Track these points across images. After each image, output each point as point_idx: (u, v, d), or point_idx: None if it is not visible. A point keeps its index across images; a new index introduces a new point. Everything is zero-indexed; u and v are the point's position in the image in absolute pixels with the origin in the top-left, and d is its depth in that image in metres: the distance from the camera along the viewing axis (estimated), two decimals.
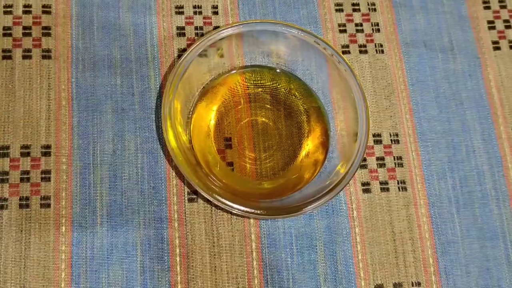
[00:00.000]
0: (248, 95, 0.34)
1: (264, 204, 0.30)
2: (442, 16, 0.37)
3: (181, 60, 0.30)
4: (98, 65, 0.34)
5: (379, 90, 0.35)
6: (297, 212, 0.29)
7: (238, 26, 0.31)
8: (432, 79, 0.36)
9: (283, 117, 0.33)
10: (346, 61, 0.31)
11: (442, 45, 0.37)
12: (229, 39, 0.32)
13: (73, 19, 0.34)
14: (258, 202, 0.30)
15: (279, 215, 0.29)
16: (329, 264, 0.32)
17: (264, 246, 0.32)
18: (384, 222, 0.33)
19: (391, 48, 0.36)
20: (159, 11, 0.35)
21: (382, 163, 0.34)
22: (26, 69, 0.33)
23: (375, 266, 0.32)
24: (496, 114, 0.36)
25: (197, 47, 0.31)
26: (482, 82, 0.37)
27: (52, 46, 0.33)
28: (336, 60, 0.31)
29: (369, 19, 0.37)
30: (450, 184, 0.34)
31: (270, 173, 0.33)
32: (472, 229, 0.34)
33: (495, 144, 0.35)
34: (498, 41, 0.37)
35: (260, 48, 0.33)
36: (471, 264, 0.33)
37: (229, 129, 0.33)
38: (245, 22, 0.31)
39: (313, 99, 0.33)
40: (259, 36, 0.32)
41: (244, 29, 0.31)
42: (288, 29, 0.31)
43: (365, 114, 0.30)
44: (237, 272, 0.31)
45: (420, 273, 0.32)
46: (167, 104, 0.29)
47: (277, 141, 0.33)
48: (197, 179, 0.29)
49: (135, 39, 0.34)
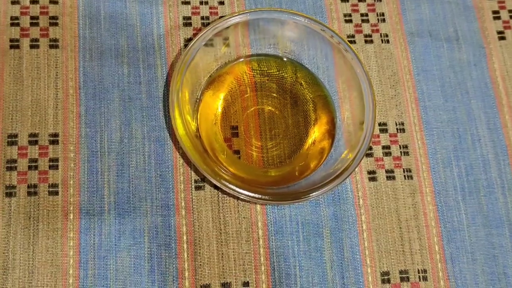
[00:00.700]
0: (254, 83, 0.34)
1: (270, 190, 0.30)
2: (447, 6, 0.38)
3: (188, 48, 0.31)
4: (105, 55, 0.34)
5: (385, 79, 0.36)
6: (304, 198, 0.29)
7: (245, 14, 0.31)
8: (438, 69, 0.36)
9: (290, 106, 0.34)
10: (352, 49, 0.31)
11: (447, 35, 0.37)
12: (235, 28, 0.32)
13: (80, 9, 0.34)
14: (265, 189, 0.30)
15: (286, 201, 0.29)
16: (335, 251, 0.32)
17: (271, 234, 0.32)
18: (390, 210, 0.33)
19: (396, 38, 0.36)
20: (165, 1, 0.35)
21: (388, 151, 0.34)
22: (33, 58, 0.33)
23: (381, 253, 0.32)
24: (502, 104, 0.36)
25: (203, 35, 0.31)
26: (487, 71, 0.37)
27: (59, 36, 0.34)
28: (343, 48, 0.31)
29: (375, 9, 0.37)
30: (456, 173, 0.34)
31: (276, 161, 0.33)
32: (478, 217, 0.34)
33: (500, 133, 0.35)
34: (503, 31, 0.38)
35: (266, 37, 0.33)
36: (477, 252, 0.33)
37: (236, 117, 0.33)
38: (251, 10, 0.32)
39: (319, 88, 0.34)
40: (265, 24, 0.33)
41: (250, 17, 0.31)
42: (294, 17, 0.32)
43: (371, 102, 0.30)
44: (244, 259, 0.31)
45: (426, 261, 0.32)
46: (174, 91, 0.30)
47: (284, 130, 0.33)
48: (205, 165, 0.29)
49: (141, 28, 0.35)
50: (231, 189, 0.29)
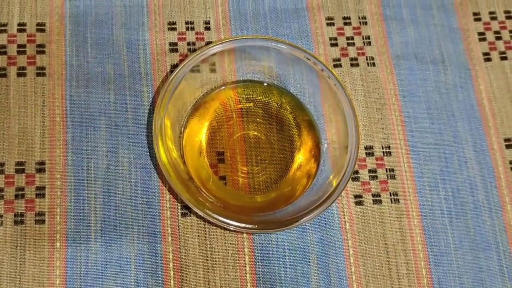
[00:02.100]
0: (240, 109, 0.34)
1: (257, 218, 0.30)
2: (432, 29, 0.38)
3: (172, 76, 0.31)
4: (92, 82, 0.34)
5: (371, 102, 0.36)
6: (290, 225, 0.29)
7: (230, 42, 0.31)
8: (424, 91, 0.36)
9: (275, 131, 0.34)
10: (336, 75, 0.31)
11: (433, 57, 0.37)
12: (221, 55, 0.32)
13: (67, 37, 0.35)
14: (251, 216, 0.30)
15: (272, 229, 0.29)
16: (322, 277, 0.32)
17: (258, 260, 0.32)
18: (377, 234, 0.33)
19: (382, 61, 0.37)
20: (152, 27, 0.36)
21: (374, 175, 0.34)
22: (20, 87, 0.33)
23: (368, 278, 0.32)
24: (488, 125, 0.36)
25: (188, 63, 0.31)
26: (473, 93, 0.37)
27: (46, 64, 0.34)
28: (326, 75, 0.31)
29: (360, 32, 0.37)
30: (443, 196, 0.34)
31: (263, 186, 0.33)
32: (465, 240, 0.34)
33: (487, 155, 0.35)
34: (489, 52, 0.38)
35: (251, 63, 0.34)
36: (464, 275, 0.33)
37: (222, 143, 0.33)
38: (236, 38, 0.32)
39: (304, 113, 0.34)
40: (251, 51, 0.33)
41: (235, 45, 0.32)
42: (278, 45, 0.32)
43: (354, 127, 0.31)
44: (231, 285, 0.31)
45: (414, 285, 0.32)
46: (158, 120, 0.30)
47: (270, 155, 0.33)
48: (188, 195, 0.29)
49: (128, 55, 0.35)
50: (215, 219, 0.29)
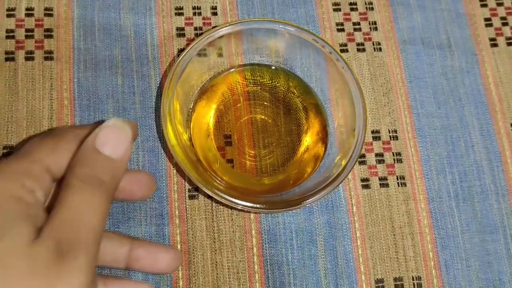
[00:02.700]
0: (247, 93, 0.34)
1: (263, 198, 0.30)
2: (439, 14, 0.38)
3: (180, 59, 0.31)
4: (100, 66, 0.34)
5: (377, 87, 0.36)
6: (297, 205, 0.29)
7: (236, 24, 0.32)
8: (430, 76, 0.36)
9: (282, 114, 0.34)
10: (344, 58, 0.31)
11: (439, 42, 0.37)
12: (228, 38, 0.32)
13: (75, 21, 0.35)
14: (258, 197, 0.30)
15: (279, 209, 0.29)
16: (329, 259, 0.32)
17: (265, 242, 0.32)
18: (384, 217, 0.33)
19: (389, 46, 0.37)
20: (159, 12, 0.36)
21: (381, 159, 0.34)
22: (28, 70, 0.33)
23: (375, 260, 0.32)
24: (495, 110, 0.36)
25: (195, 45, 0.31)
26: (480, 78, 0.37)
27: (54, 48, 0.34)
28: (334, 57, 0.31)
29: (367, 17, 0.37)
30: (450, 179, 0.34)
31: (270, 169, 0.33)
32: (472, 223, 0.34)
33: (493, 140, 0.35)
34: (495, 38, 0.38)
35: (258, 46, 0.34)
36: (471, 258, 0.33)
37: (229, 126, 0.33)
38: (243, 20, 0.32)
39: (311, 96, 0.34)
40: (258, 34, 0.33)
41: (242, 27, 0.32)
42: (286, 27, 0.32)
43: (362, 109, 0.31)
44: (238, 267, 0.31)
45: (421, 268, 0.32)
46: (166, 102, 0.30)
47: (277, 138, 0.33)
48: (197, 175, 0.29)
49: (135, 39, 0.35)
50: (223, 198, 0.29)
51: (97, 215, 0.23)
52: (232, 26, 0.32)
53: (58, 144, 0.25)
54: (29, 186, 0.23)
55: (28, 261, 0.21)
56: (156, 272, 0.28)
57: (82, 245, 0.22)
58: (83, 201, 0.23)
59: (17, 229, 0.22)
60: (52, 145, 0.25)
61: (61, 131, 0.26)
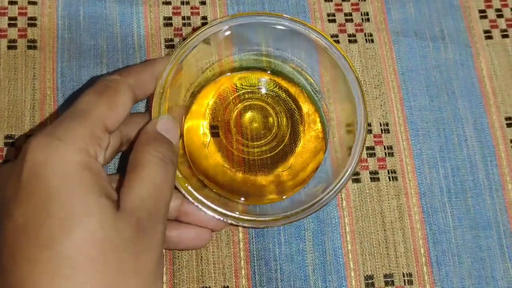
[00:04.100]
0: (245, 91, 0.33)
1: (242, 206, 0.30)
2: (433, 5, 0.37)
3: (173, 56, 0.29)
4: (84, 55, 0.33)
5: (369, 79, 0.35)
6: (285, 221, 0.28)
7: (242, 17, 0.30)
8: (423, 68, 0.36)
9: (280, 114, 0.33)
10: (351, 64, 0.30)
11: (433, 34, 0.36)
12: (221, 34, 0.31)
13: (59, 9, 0.34)
14: (236, 203, 0.30)
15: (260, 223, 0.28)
16: (317, 254, 0.31)
17: (252, 236, 0.31)
18: (375, 212, 0.32)
19: (381, 37, 0.36)
20: (146, 1, 0.35)
21: (372, 152, 0.33)
22: (11, 59, 0.33)
23: (365, 256, 0.32)
24: (489, 103, 0.35)
25: (188, 44, 0.29)
26: (474, 71, 0.36)
27: (38, 37, 0.33)
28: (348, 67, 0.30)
29: (359, 8, 0.36)
30: (442, 174, 0.34)
31: (258, 164, 0.32)
32: (465, 218, 0.33)
33: (487, 134, 0.35)
34: (490, 30, 0.37)
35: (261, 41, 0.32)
36: (463, 254, 0.32)
37: (222, 124, 0.32)
38: (245, 14, 0.30)
39: (310, 100, 0.33)
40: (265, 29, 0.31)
41: (245, 21, 0.30)
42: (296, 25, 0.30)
43: (362, 135, 0.29)
44: (224, 263, 0.31)
45: (412, 264, 0.32)
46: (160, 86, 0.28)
47: (270, 136, 0.32)
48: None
49: (121, 29, 0.34)
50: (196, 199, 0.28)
51: (170, 190, 0.25)
52: (233, 20, 0.30)
53: (115, 99, 0.25)
54: (93, 152, 0.23)
55: (115, 235, 0.22)
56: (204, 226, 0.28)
57: (161, 220, 0.24)
58: (161, 178, 0.24)
59: (99, 204, 0.22)
60: (108, 100, 0.25)
61: (111, 83, 0.25)
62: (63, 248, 0.21)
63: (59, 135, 0.22)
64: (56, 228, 0.21)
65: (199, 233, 0.28)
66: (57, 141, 0.22)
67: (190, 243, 0.28)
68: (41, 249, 0.21)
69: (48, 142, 0.22)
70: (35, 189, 0.21)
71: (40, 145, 0.22)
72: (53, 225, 0.21)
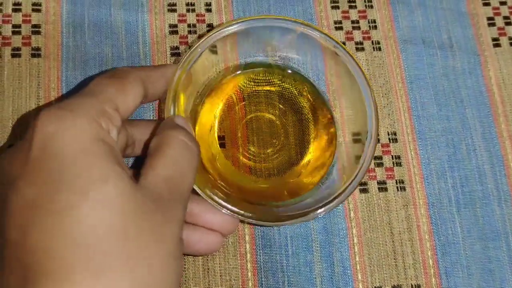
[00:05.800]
0: (253, 94, 0.33)
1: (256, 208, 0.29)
2: (440, 13, 0.37)
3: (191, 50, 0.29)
4: (89, 64, 0.33)
5: (377, 88, 0.35)
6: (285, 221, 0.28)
7: (244, 22, 0.30)
8: (431, 77, 0.35)
9: (289, 120, 0.32)
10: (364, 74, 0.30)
11: (441, 42, 0.36)
12: (230, 37, 0.30)
13: (64, 17, 0.34)
14: (250, 205, 0.29)
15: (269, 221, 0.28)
16: (325, 266, 0.31)
17: (259, 248, 0.31)
18: (383, 223, 0.32)
19: (388, 45, 0.36)
20: (151, 8, 0.34)
21: (379, 162, 0.33)
22: (15, 68, 0.32)
23: (373, 268, 0.31)
24: (497, 112, 0.35)
25: (207, 39, 0.29)
26: (482, 79, 0.36)
27: (42, 45, 0.33)
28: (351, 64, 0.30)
29: (366, 16, 0.36)
30: (450, 184, 0.33)
31: (265, 173, 0.32)
32: (474, 229, 0.33)
33: (496, 143, 0.34)
34: (498, 37, 0.37)
35: (268, 45, 0.32)
36: (472, 266, 0.32)
37: (233, 126, 0.32)
38: (256, 17, 0.30)
39: (323, 104, 0.32)
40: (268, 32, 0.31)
41: (256, 24, 0.30)
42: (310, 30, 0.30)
43: (373, 142, 0.29)
44: (231, 274, 0.30)
45: (420, 275, 0.31)
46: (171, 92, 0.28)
47: (281, 141, 0.32)
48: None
49: (127, 37, 0.34)
50: (211, 199, 0.27)
51: (194, 173, 0.25)
52: (239, 24, 0.30)
53: (125, 85, 0.25)
54: (105, 126, 0.22)
55: (134, 205, 0.21)
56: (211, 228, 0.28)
57: (182, 202, 0.23)
58: (186, 160, 0.24)
59: (115, 171, 0.21)
60: (119, 85, 0.24)
61: (123, 72, 0.25)
62: (83, 215, 0.20)
63: (71, 107, 0.22)
64: (73, 195, 0.20)
65: (207, 236, 0.27)
66: (68, 112, 0.21)
67: (197, 247, 0.27)
68: (59, 217, 0.20)
69: (59, 115, 0.21)
70: (46, 161, 0.20)
71: (51, 117, 0.21)
72: (70, 193, 0.20)
